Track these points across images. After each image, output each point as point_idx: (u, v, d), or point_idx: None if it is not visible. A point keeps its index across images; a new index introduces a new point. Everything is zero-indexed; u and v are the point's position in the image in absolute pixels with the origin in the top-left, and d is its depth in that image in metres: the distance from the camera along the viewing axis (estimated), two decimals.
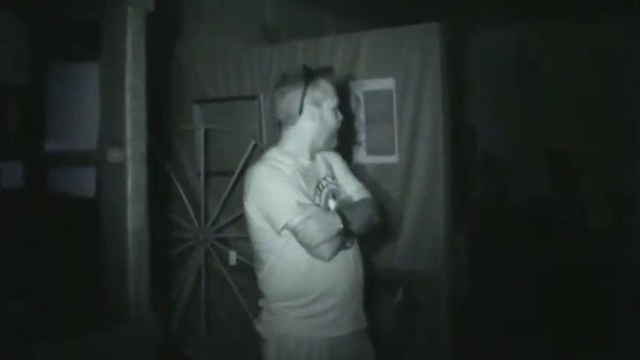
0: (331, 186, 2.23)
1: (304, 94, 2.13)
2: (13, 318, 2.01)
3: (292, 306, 2.11)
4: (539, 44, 6.76)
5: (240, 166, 3.70)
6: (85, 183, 2.40)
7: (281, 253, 2.10)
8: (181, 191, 3.85)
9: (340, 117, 2.25)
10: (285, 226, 2.04)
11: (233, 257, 3.76)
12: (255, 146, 3.74)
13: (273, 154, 2.17)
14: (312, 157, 2.23)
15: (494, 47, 6.94)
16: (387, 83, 3.47)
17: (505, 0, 5.68)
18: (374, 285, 2.33)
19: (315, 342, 2.10)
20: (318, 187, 2.18)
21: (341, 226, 2.05)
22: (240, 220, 3.76)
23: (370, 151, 3.55)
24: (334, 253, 2.06)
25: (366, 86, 3.53)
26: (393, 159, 3.47)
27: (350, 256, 2.17)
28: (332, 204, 2.19)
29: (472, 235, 5.28)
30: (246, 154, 3.71)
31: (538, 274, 5.78)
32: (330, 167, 2.29)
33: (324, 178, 2.22)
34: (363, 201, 2.26)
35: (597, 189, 6.16)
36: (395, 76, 3.43)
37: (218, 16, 4.77)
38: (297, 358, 2.10)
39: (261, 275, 2.17)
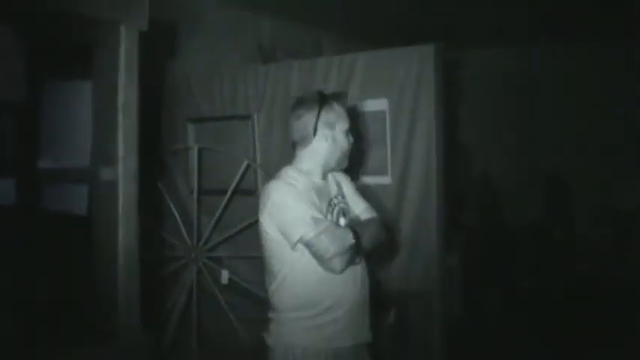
0: (342, 205, 2.36)
1: (318, 116, 2.26)
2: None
3: (301, 317, 2.21)
4: (537, 62, 6.81)
5: (233, 185, 3.71)
6: (77, 200, 2.41)
7: (293, 266, 2.19)
8: (174, 210, 3.85)
9: (351, 139, 2.37)
10: (300, 240, 2.14)
11: (225, 276, 3.76)
12: (248, 166, 3.75)
13: (288, 172, 2.29)
14: (324, 176, 2.36)
15: (490, 66, 6.97)
16: (381, 104, 3.48)
17: (500, 19, 5.73)
18: (370, 304, 2.38)
19: (321, 352, 2.20)
20: (330, 204, 2.29)
21: (353, 241, 2.17)
22: (233, 239, 3.79)
23: (363, 172, 3.55)
24: (345, 267, 2.17)
25: (359, 107, 3.52)
26: (385, 180, 3.47)
27: (358, 272, 2.28)
28: (342, 222, 2.30)
29: (466, 254, 5.28)
30: (239, 174, 3.72)
31: (532, 293, 5.80)
32: (339, 187, 2.42)
33: (336, 197, 2.35)
34: (370, 220, 2.38)
35: (594, 203, 6.21)
36: (389, 96, 3.43)
37: (214, 36, 4.81)
38: None
39: (272, 287, 2.26)
